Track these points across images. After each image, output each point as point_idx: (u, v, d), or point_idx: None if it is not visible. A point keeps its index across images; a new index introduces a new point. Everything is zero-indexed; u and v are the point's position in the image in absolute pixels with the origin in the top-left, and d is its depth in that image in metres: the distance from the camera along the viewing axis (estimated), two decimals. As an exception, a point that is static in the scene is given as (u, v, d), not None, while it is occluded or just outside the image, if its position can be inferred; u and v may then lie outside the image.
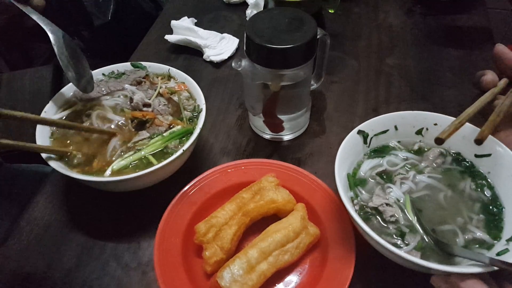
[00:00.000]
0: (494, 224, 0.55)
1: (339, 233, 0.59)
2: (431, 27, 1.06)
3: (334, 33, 1.02)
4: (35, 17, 0.65)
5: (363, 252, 0.57)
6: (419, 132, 0.65)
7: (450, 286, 0.46)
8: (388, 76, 0.93)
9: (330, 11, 0.92)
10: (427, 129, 0.64)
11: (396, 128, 0.64)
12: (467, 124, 0.58)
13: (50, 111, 0.70)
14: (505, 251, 0.50)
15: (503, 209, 0.56)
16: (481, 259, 0.47)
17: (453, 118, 0.58)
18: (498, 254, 0.50)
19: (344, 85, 0.91)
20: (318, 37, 0.67)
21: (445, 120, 0.62)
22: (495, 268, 0.45)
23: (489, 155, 0.59)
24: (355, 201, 0.58)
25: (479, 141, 0.53)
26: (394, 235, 0.54)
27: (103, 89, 0.75)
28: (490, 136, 0.58)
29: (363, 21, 1.09)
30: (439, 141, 0.52)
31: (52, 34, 0.65)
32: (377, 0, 1.15)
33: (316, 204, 0.63)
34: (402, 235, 0.54)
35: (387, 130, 0.64)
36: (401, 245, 0.53)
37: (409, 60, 0.96)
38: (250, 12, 1.07)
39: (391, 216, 0.55)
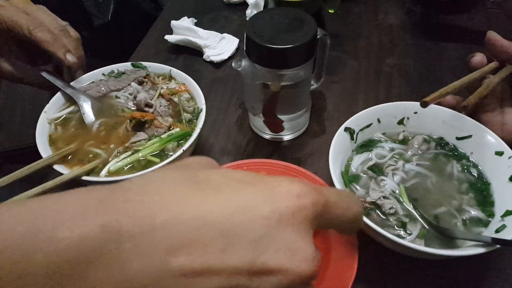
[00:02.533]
0: (485, 200, 0.57)
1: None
2: (431, 27, 1.06)
3: (334, 33, 1.02)
4: (70, 91, 0.71)
5: (365, 252, 0.57)
6: (400, 122, 0.67)
7: None
8: (388, 76, 0.93)
9: (330, 11, 0.92)
10: (408, 118, 0.66)
11: (379, 120, 0.66)
12: (447, 109, 0.63)
13: (50, 111, 0.70)
14: (503, 227, 0.51)
15: (490, 185, 0.59)
16: (483, 239, 0.48)
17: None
18: (497, 231, 0.52)
19: (344, 85, 0.91)
20: (318, 37, 0.67)
21: (423, 109, 0.64)
22: (498, 246, 0.46)
23: (469, 136, 0.62)
24: None
25: (465, 107, 0.58)
26: (395, 227, 0.55)
27: (102, 88, 0.74)
28: (469, 119, 0.63)
29: (363, 21, 1.09)
30: (423, 104, 0.55)
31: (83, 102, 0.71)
32: (377, 0, 1.16)
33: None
34: (403, 226, 0.55)
35: (371, 124, 0.66)
36: (404, 235, 0.54)
37: (409, 60, 0.96)
38: (250, 12, 1.07)
39: (390, 208, 0.56)
